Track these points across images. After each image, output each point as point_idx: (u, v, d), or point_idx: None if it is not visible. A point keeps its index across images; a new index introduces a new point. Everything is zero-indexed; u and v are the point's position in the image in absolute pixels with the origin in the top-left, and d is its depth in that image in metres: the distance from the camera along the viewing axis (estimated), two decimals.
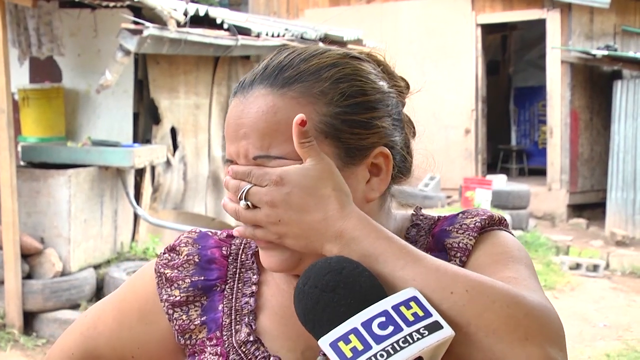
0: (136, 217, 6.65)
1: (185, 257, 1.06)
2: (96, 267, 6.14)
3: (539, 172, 12.59)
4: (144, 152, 6.37)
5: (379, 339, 0.76)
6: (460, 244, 1.00)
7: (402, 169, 1.07)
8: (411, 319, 0.78)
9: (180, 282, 1.05)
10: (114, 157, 6.17)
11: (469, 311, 0.83)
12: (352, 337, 0.77)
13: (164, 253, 1.09)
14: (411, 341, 0.77)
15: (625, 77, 11.01)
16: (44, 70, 7.01)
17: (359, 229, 0.88)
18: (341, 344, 0.77)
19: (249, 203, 0.91)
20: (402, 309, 0.79)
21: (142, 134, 6.99)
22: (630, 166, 10.46)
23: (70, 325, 1.16)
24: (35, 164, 6.26)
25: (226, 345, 1.01)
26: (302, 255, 0.95)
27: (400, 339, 0.77)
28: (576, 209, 11.47)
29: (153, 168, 6.88)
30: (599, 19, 11.51)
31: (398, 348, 0.76)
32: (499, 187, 10.16)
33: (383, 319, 0.78)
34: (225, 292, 1.05)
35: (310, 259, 0.93)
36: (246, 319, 1.02)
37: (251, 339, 1.01)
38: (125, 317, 1.09)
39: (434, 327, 0.78)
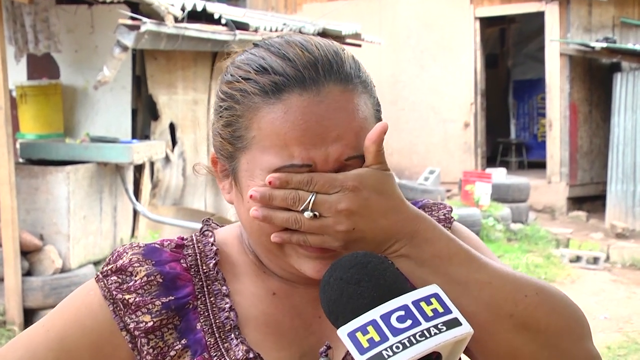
0: (135, 213, 6.65)
1: (145, 277, 0.96)
2: (96, 263, 6.14)
3: (539, 165, 12.59)
4: (143, 148, 6.36)
5: (396, 332, 0.77)
6: None
7: None
8: (430, 314, 0.79)
9: (150, 306, 0.95)
10: (113, 153, 6.16)
11: (541, 313, 0.90)
12: (370, 328, 0.78)
13: (108, 275, 0.97)
14: (428, 335, 0.77)
15: (625, 70, 11.00)
16: (42, 66, 7.00)
17: (431, 231, 0.89)
18: (359, 335, 0.78)
19: (316, 213, 0.86)
20: (423, 304, 0.80)
21: (141, 130, 6.98)
22: (629, 158, 10.45)
23: None
24: (34, 160, 6.25)
25: None
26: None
27: (417, 332, 0.77)
28: (576, 202, 11.47)
29: (152, 164, 6.88)
30: (597, 11, 11.49)
31: (414, 341, 0.77)
32: (499, 181, 10.16)
33: (402, 312, 0.79)
34: (199, 308, 0.97)
35: None
36: (232, 335, 0.96)
37: (251, 355, 0.95)
38: (73, 355, 0.96)
39: (453, 323, 0.79)
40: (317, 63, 0.91)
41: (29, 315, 5.60)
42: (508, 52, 14.76)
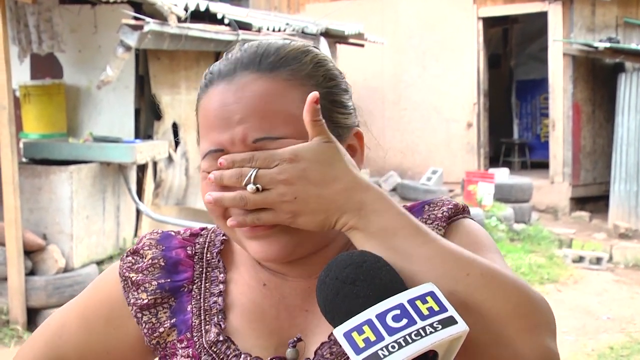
0: (138, 212, 6.66)
1: (150, 260, 1.05)
2: (99, 263, 6.15)
3: (542, 166, 12.57)
4: (146, 148, 6.36)
5: (392, 331, 0.77)
6: None
7: None
8: (426, 313, 0.79)
9: (147, 285, 1.04)
10: (116, 153, 6.17)
11: (483, 295, 0.85)
12: (365, 328, 0.78)
13: (127, 256, 1.08)
14: (423, 334, 0.77)
15: (628, 70, 10.98)
16: (45, 66, 7.01)
17: (379, 202, 0.89)
18: (355, 335, 0.78)
19: (258, 186, 0.88)
20: (418, 302, 0.80)
21: (144, 130, 6.99)
22: (633, 158, 10.44)
23: (33, 335, 1.14)
24: (37, 160, 6.27)
25: (197, 346, 1.01)
26: (301, 239, 0.94)
27: (413, 331, 0.77)
28: (579, 202, 11.46)
29: (155, 164, 6.89)
30: (600, 11, 11.48)
31: (410, 340, 0.77)
32: (502, 181, 10.15)
33: (398, 311, 0.79)
34: (193, 292, 1.04)
35: (309, 242, 0.95)
36: (215, 319, 1.02)
37: (221, 338, 1.00)
38: (92, 324, 1.08)
39: (449, 321, 0.79)
40: (242, 57, 0.98)
41: (32, 315, 5.61)
42: (511, 52, 14.74)
